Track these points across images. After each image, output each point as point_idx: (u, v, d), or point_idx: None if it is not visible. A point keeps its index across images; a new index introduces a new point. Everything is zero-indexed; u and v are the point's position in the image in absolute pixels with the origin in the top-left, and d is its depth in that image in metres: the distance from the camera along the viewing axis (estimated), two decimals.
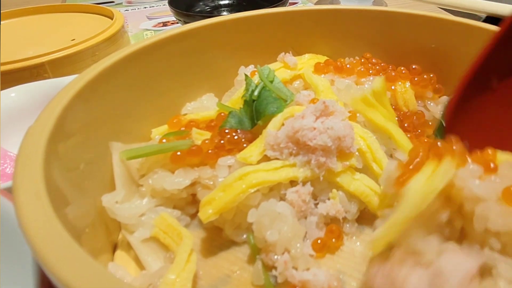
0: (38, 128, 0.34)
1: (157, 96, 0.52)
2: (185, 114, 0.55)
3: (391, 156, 0.46)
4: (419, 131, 0.50)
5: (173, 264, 0.35)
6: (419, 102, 0.53)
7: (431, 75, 0.53)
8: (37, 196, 0.30)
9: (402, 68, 0.54)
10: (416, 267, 0.29)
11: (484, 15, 0.80)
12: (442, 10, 1.01)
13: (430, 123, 0.52)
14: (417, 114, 0.52)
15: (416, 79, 0.52)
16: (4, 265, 0.34)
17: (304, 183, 0.40)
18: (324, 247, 0.40)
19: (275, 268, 0.36)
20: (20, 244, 0.34)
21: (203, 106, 0.55)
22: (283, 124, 0.44)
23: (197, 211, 0.45)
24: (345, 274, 0.38)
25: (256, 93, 0.48)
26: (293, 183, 0.41)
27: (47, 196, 0.30)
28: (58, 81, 0.62)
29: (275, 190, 0.41)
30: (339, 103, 0.46)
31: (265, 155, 0.42)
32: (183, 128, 0.49)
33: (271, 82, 0.50)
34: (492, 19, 0.78)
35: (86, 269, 0.25)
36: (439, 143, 0.31)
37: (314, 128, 0.40)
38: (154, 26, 1.10)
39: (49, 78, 0.70)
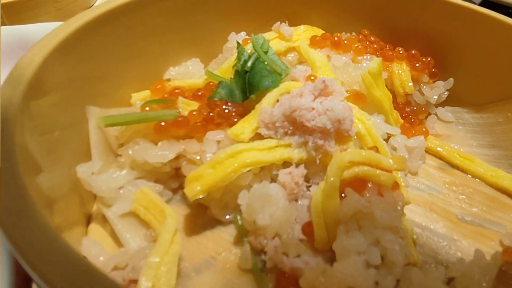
0: (12, 83, 0.31)
1: (139, 58, 0.48)
2: (168, 80, 0.51)
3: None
4: (412, 120, 0.48)
5: (156, 246, 0.32)
6: (414, 85, 0.51)
7: (429, 59, 0.51)
8: (6, 159, 0.27)
9: (400, 49, 0.52)
10: None
11: None
12: None
13: (423, 109, 0.51)
14: (407, 104, 0.51)
15: (417, 65, 0.50)
16: None
17: (297, 165, 0.38)
18: None
19: (265, 252, 0.34)
20: None
21: (188, 72, 0.51)
22: (277, 101, 0.41)
23: (180, 186, 0.42)
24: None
25: (249, 64, 0.44)
26: (285, 163, 0.39)
27: (17, 160, 0.27)
28: (17, 29, 0.56)
29: (266, 170, 0.39)
30: (337, 82, 0.44)
31: (257, 133, 0.39)
32: (166, 95, 0.45)
33: (266, 53, 0.46)
34: (488, 3, 0.76)
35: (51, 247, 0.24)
36: None
37: (313, 109, 0.37)
38: None
39: (4, 24, 0.62)
